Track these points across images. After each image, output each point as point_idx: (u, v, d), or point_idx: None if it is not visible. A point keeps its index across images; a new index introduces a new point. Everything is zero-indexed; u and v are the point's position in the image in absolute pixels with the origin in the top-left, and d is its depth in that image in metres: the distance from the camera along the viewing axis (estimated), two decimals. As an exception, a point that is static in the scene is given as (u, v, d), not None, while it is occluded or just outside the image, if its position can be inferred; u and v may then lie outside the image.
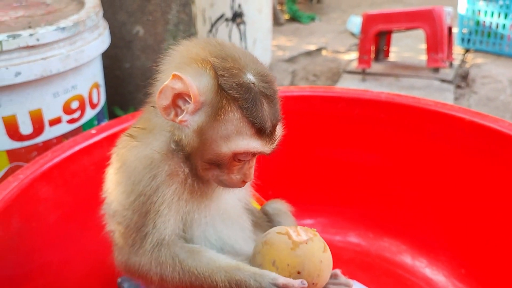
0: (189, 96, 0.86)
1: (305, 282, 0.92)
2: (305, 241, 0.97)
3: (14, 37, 1.56)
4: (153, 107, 0.95)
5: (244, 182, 0.95)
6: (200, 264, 0.94)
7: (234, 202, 1.11)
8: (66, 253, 1.46)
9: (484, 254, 1.51)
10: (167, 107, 0.88)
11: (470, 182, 1.55)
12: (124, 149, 0.97)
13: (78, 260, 1.49)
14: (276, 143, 0.92)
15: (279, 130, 0.93)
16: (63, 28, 1.68)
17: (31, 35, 1.59)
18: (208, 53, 0.89)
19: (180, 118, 0.88)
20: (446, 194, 1.62)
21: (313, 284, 0.96)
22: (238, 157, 0.90)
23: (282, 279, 0.91)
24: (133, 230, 0.95)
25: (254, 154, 0.92)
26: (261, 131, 0.87)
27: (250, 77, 0.87)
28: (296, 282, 0.92)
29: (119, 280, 1.46)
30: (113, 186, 0.99)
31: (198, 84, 0.86)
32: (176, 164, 0.93)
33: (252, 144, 0.88)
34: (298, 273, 0.95)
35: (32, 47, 1.60)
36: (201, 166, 0.93)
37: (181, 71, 0.86)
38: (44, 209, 1.38)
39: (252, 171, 0.96)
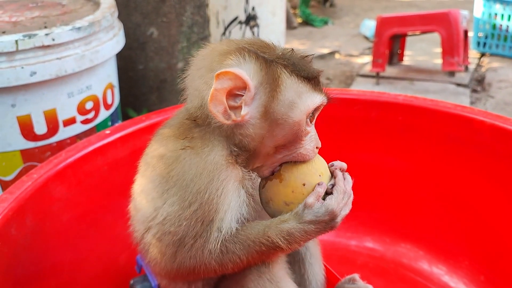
0: (241, 88, 0.85)
1: (323, 184, 0.92)
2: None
3: (30, 36, 1.56)
4: (194, 121, 0.92)
5: (317, 149, 0.95)
6: (253, 231, 0.92)
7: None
8: (79, 253, 1.45)
9: (504, 261, 1.47)
10: (224, 111, 0.86)
11: (491, 186, 1.51)
12: (177, 159, 0.91)
13: (90, 260, 1.48)
14: (326, 91, 0.93)
15: (321, 81, 0.95)
16: (79, 28, 1.67)
17: (46, 34, 1.59)
18: (236, 44, 0.90)
19: (242, 113, 0.86)
20: (466, 199, 1.58)
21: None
22: (309, 120, 0.90)
23: (308, 199, 0.90)
24: (193, 237, 0.90)
25: (318, 109, 0.92)
26: (315, 83, 0.89)
27: (282, 49, 0.90)
28: (320, 187, 0.91)
29: (131, 281, 1.44)
30: (167, 197, 0.91)
31: (246, 71, 0.85)
32: (240, 169, 0.91)
33: (315, 97, 0.89)
34: (303, 184, 0.93)
35: (48, 46, 1.60)
36: (268, 152, 0.91)
37: (218, 69, 0.85)
38: (57, 209, 1.37)
39: (317, 135, 0.96)
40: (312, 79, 0.89)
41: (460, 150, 1.59)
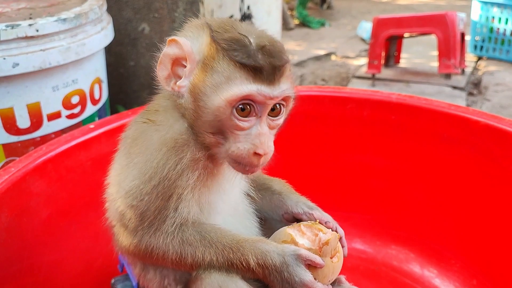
0: (186, 59, 0.86)
1: (323, 261, 0.90)
2: (311, 249, 0.93)
3: (12, 27, 1.51)
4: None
5: (257, 156, 0.84)
6: (226, 237, 0.91)
7: (240, 195, 1.06)
8: (58, 252, 1.40)
9: (497, 264, 1.43)
10: (167, 77, 0.88)
11: (484, 187, 1.47)
12: (142, 133, 0.93)
13: (70, 259, 1.43)
14: (281, 89, 0.84)
15: (286, 80, 0.86)
16: (64, 20, 1.63)
17: (30, 25, 1.54)
18: (207, 20, 0.89)
19: (178, 83, 0.87)
20: (458, 200, 1.54)
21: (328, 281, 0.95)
22: (237, 113, 0.83)
23: (304, 251, 0.90)
24: (152, 213, 0.90)
25: (256, 108, 0.84)
26: (256, 73, 0.82)
27: (242, 34, 0.84)
28: (318, 257, 0.90)
29: (112, 280, 1.39)
30: (127, 169, 0.93)
31: (194, 44, 0.86)
32: (198, 148, 0.90)
33: (247, 87, 0.81)
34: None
35: (31, 37, 1.56)
36: (208, 139, 0.88)
37: (179, 37, 0.87)
38: (36, 205, 1.32)
39: (266, 140, 0.85)
40: (254, 68, 0.81)
41: (454, 150, 1.55)
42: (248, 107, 0.83)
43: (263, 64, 0.81)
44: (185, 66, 0.86)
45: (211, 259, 0.90)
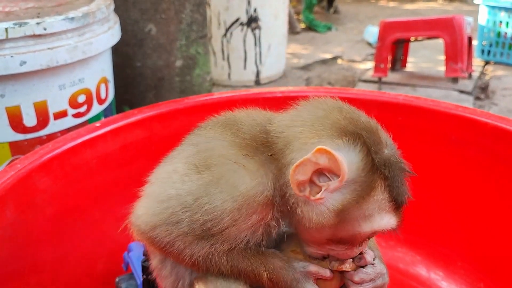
0: (332, 173, 0.78)
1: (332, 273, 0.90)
2: (320, 262, 0.91)
3: (20, 25, 1.52)
4: (270, 155, 0.84)
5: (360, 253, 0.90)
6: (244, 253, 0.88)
7: None
8: (63, 250, 1.39)
9: (505, 268, 1.41)
10: (302, 183, 0.79)
11: (492, 190, 1.46)
12: (224, 164, 0.83)
13: (74, 257, 1.43)
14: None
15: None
16: (72, 19, 1.63)
17: (38, 23, 1.55)
18: (356, 125, 0.80)
19: (318, 196, 0.78)
20: (465, 203, 1.52)
21: None
22: (373, 235, 0.85)
23: (313, 267, 0.89)
24: (183, 230, 0.84)
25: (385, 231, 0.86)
26: (398, 208, 0.83)
27: (389, 152, 0.81)
28: (327, 271, 0.89)
29: (117, 279, 1.39)
30: (190, 181, 0.84)
31: (348, 161, 0.77)
32: (273, 212, 0.84)
33: (391, 222, 0.83)
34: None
35: (39, 36, 1.56)
36: (319, 240, 0.86)
37: (326, 144, 0.77)
38: (41, 201, 1.32)
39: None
40: (400, 203, 0.82)
41: (462, 152, 1.53)
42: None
43: (404, 202, 0.83)
44: (326, 177, 0.79)
45: (223, 264, 0.88)
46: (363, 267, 0.92)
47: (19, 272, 1.26)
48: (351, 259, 0.92)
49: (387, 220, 0.82)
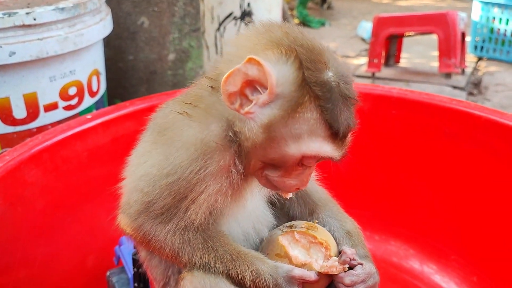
0: (262, 85, 0.77)
1: (318, 276, 0.88)
2: (306, 263, 0.91)
3: (9, 14, 1.49)
4: (211, 87, 0.85)
5: (297, 188, 0.86)
6: (228, 245, 0.90)
7: (260, 200, 1.02)
8: (53, 243, 1.37)
9: (498, 261, 1.41)
10: (233, 94, 0.78)
11: (486, 183, 1.46)
12: (173, 124, 0.86)
13: (65, 251, 1.41)
14: (346, 146, 0.82)
15: (350, 136, 0.83)
16: (62, 9, 1.61)
17: (27, 13, 1.52)
18: (293, 40, 0.79)
19: (247, 109, 0.78)
20: (459, 196, 1.52)
21: None
22: (304, 161, 0.81)
23: (297, 271, 0.88)
24: (159, 207, 0.86)
25: (320, 159, 0.83)
26: (335, 135, 0.78)
27: (332, 75, 0.77)
28: (312, 274, 0.88)
29: (108, 273, 1.37)
30: (148, 155, 0.88)
31: (278, 74, 0.76)
32: (230, 158, 0.84)
33: (324, 147, 0.79)
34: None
35: (29, 26, 1.53)
36: (255, 164, 0.83)
37: (259, 55, 0.76)
38: (30, 194, 1.30)
39: (310, 178, 0.87)
40: (336, 129, 0.78)
41: (456, 145, 1.53)
42: (312, 160, 0.82)
43: (344, 131, 0.79)
44: (258, 91, 0.78)
45: (209, 261, 0.88)
46: (351, 268, 0.90)
47: (8, 266, 1.24)
48: (336, 260, 0.89)
49: (319, 146, 0.78)
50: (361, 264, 0.91)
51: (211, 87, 0.85)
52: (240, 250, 0.90)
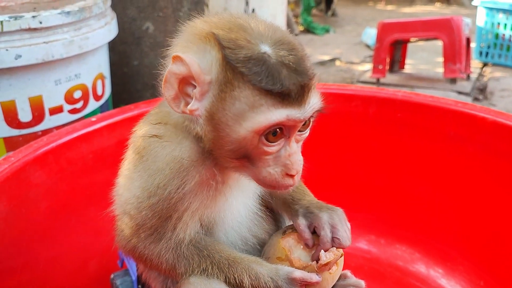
0: (194, 79, 0.75)
1: (320, 277, 0.88)
2: (308, 265, 0.90)
3: (16, 18, 1.51)
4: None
5: (289, 177, 0.79)
6: (224, 251, 0.89)
7: (252, 202, 1.00)
8: (57, 245, 1.37)
9: (505, 265, 1.40)
10: (175, 98, 0.76)
11: (492, 185, 1.44)
12: (147, 147, 0.85)
13: (69, 253, 1.40)
14: (311, 107, 0.75)
15: (314, 93, 0.76)
16: (68, 13, 1.62)
17: (33, 17, 1.54)
18: (214, 26, 0.77)
19: (189, 107, 0.76)
20: (465, 199, 1.51)
21: None
22: (266, 140, 0.75)
23: (298, 273, 0.87)
24: (148, 228, 0.87)
25: (285, 130, 0.76)
26: (284, 96, 0.72)
27: (264, 48, 0.73)
28: (313, 275, 0.87)
29: (112, 276, 1.37)
30: (130, 179, 0.88)
31: (202, 62, 0.74)
32: (207, 171, 0.83)
33: (273, 115, 0.72)
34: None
35: (35, 29, 1.55)
36: (229, 164, 0.80)
37: (184, 52, 0.76)
38: (35, 196, 1.30)
39: (296, 159, 0.79)
40: (281, 92, 0.72)
41: (461, 148, 1.52)
42: (277, 130, 0.75)
43: (291, 88, 0.72)
44: (194, 86, 0.76)
45: (206, 268, 0.88)
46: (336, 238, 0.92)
47: (12, 268, 1.23)
48: (334, 248, 0.90)
49: (265, 116, 0.72)
50: (316, 226, 0.93)
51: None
52: (236, 255, 0.90)
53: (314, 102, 0.76)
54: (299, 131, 0.79)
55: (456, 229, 1.52)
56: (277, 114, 0.72)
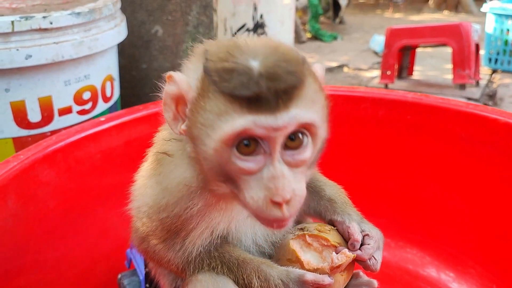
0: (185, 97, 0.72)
1: (332, 279, 0.86)
2: (319, 267, 0.89)
3: (26, 18, 1.52)
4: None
5: (276, 205, 0.67)
6: (234, 251, 0.89)
7: None
8: (65, 244, 1.36)
9: (518, 269, 1.37)
10: (174, 118, 0.74)
11: (504, 188, 1.42)
12: (163, 159, 0.85)
13: (77, 253, 1.40)
14: (291, 117, 0.66)
15: (301, 104, 0.67)
16: (78, 14, 1.63)
17: (44, 17, 1.54)
18: (213, 44, 0.75)
19: (178, 126, 0.74)
20: (476, 202, 1.49)
21: None
22: (238, 152, 0.67)
23: (310, 275, 0.85)
24: (158, 237, 0.89)
25: (262, 143, 0.68)
26: (252, 102, 0.65)
27: (251, 62, 0.66)
28: (325, 277, 0.85)
29: (119, 276, 1.36)
30: (146, 185, 0.89)
31: (192, 79, 0.71)
32: (214, 196, 0.81)
33: (239, 121, 0.65)
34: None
35: (45, 30, 1.55)
36: (220, 189, 0.75)
37: (183, 71, 0.75)
38: (43, 194, 1.30)
39: (283, 183, 0.67)
40: (249, 98, 0.65)
41: (472, 150, 1.50)
42: (251, 143, 0.68)
43: (260, 91, 0.64)
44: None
45: (215, 267, 0.89)
46: (363, 244, 0.91)
47: (20, 268, 1.23)
48: (346, 250, 0.89)
49: (229, 124, 0.65)
50: (368, 235, 0.92)
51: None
52: (246, 256, 0.89)
53: (296, 112, 0.67)
54: (289, 149, 0.70)
55: (468, 233, 1.50)
56: (242, 120, 0.65)
